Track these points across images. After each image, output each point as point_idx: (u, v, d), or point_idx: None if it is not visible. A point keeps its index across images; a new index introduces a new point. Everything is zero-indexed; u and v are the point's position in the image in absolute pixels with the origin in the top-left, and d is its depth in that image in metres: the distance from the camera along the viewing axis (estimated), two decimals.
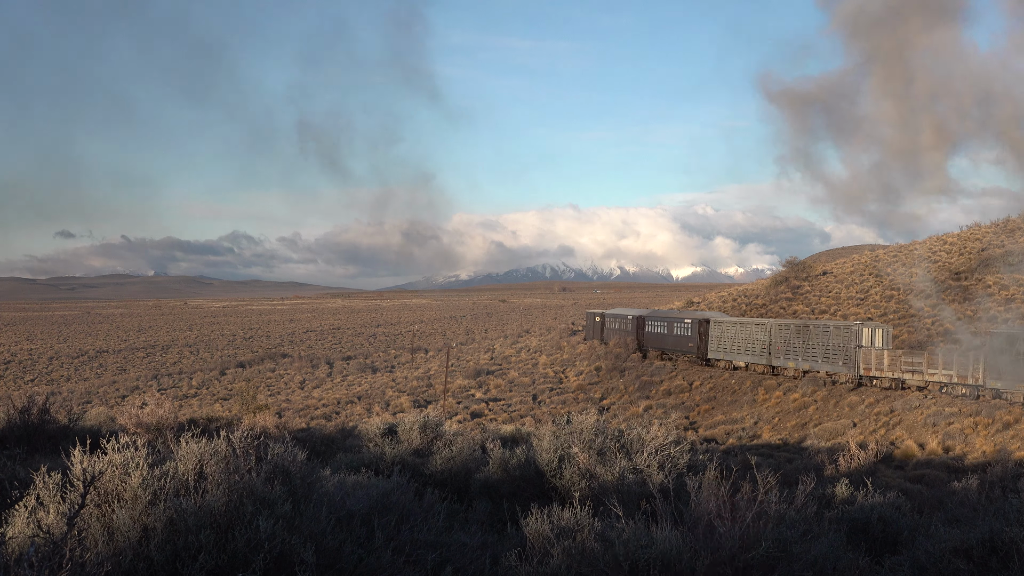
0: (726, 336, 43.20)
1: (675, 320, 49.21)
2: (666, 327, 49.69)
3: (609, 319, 59.89)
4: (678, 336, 47.89)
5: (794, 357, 37.59)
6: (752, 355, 40.90)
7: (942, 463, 22.96)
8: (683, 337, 47.17)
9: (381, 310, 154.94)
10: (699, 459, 10.05)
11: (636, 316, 54.72)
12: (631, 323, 55.06)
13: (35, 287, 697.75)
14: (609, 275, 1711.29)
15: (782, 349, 38.46)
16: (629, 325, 55.35)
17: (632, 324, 54.78)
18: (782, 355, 38.50)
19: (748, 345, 41.21)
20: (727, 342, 43.02)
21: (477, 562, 6.74)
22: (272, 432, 14.26)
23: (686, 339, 46.92)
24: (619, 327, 57.17)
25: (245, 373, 66.57)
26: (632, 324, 54.78)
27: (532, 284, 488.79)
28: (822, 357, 36.15)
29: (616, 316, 59.23)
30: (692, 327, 46.40)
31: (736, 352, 42.24)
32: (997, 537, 6.64)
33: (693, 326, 46.30)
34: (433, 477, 10.48)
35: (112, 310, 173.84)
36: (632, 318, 55.10)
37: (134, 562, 5.72)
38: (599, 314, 62.52)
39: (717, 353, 43.93)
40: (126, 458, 6.45)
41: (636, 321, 54.27)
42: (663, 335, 49.99)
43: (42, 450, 11.48)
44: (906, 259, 59.95)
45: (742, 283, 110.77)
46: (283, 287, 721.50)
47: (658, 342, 50.85)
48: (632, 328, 54.64)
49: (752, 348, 40.87)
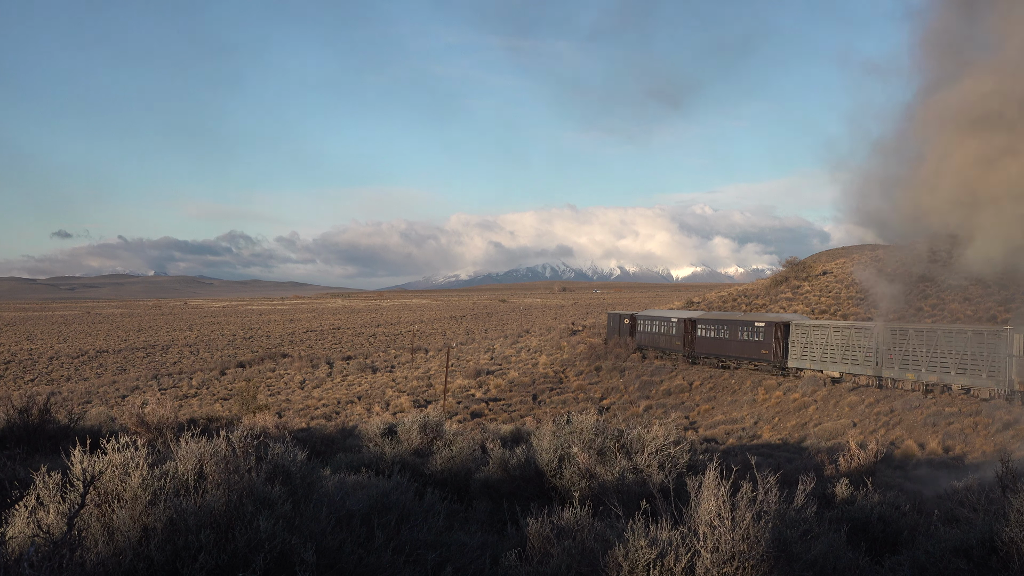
0: (814, 342, 37.94)
1: (741, 324, 43.45)
2: (728, 331, 44.24)
3: (644, 322, 53.73)
4: (745, 342, 42.50)
5: (914, 367, 32.07)
6: (852, 364, 35.30)
7: (942, 463, 23.00)
8: (752, 343, 41.86)
9: (381, 310, 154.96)
10: (699, 459, 10.05)
11: (685, 319, 48.67)
12: (677, 326, 49.01)
13: (35, 287, 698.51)
14: (609, 275, 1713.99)
15: (896, 357, 32.98)
16: (673, 328, 49.33)
17: (678, 328, 48.77)
18: (896, 364, 32.95)
19: (846, 352, 35.78)
20: (815, 348, 37.77)
21: (477, 562, 6.74)
22: (272, 432, 14.26)
23: (756, 345, 41.60)
24: (658, 330, 51.19)
25: (245, 373, 66.54)
26: (678, 328, 48.77)
27: (532, 284, 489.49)
28: (956, 367, 30.69)
29: (654, 318, 52.85)
30: (766, 331, 40.96)
31: (828, 360, 36.76)
32: (997, 537, 6.64)
33: (767, 330, 40.87)
34: (433, 477, 10.48)
35: (112, 310, 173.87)
36: (678, 321, 49.15)
37: (134, 562, 5.72)
38: (629, 316, 56.30)
39: (801, 361, 38.62)
40: (126, 458, 6.45)
41: (684, 324, 48.27)
42: (723, 340, 44.56)
43: (42, 450, 11.49)
44: (906, 259, 59.91)
45: (742, 283, 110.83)
46: (283, 287, 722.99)
47: (716, 348, 45.22)
48: (678, 332, 48.56)
49: (852, 356, 35.37)
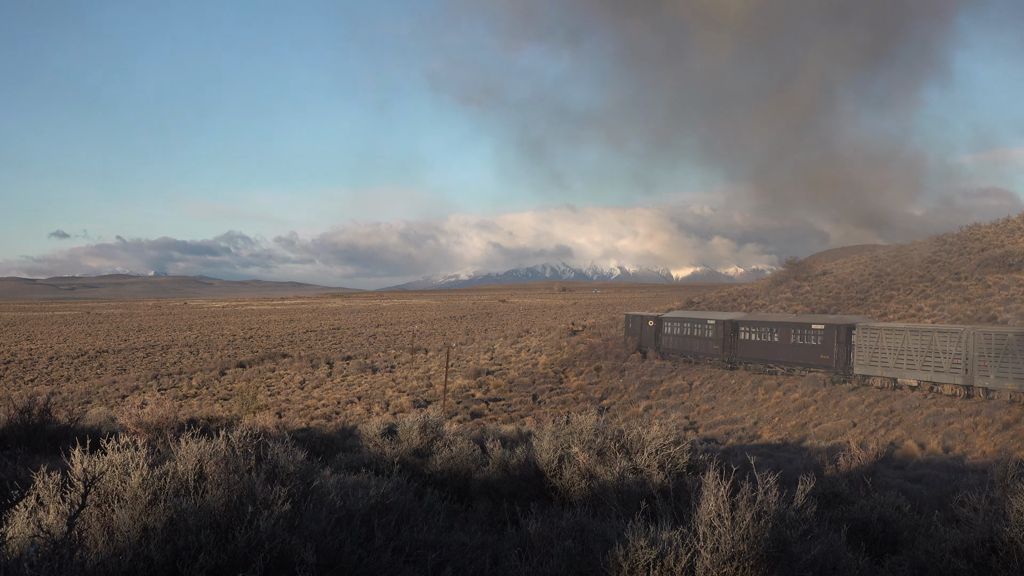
0: (885, 346, 34.40)
1: (794, 326, 39.87)
2: (778, 335, 40.68)
3: (672, 324, 50.40)
4: (799, 346, 39.04)
5: (1016, 376, 28.76)
6: (935, 371, 32.12)
7: (942, 463, 23.00)
8: (809, 347, 38.30)
9: (381, 310, 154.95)
10: (699, 459, 10.04)
11: (725, 321, 45.35)
12: (714, 329, 45.87)
13: (35, 287, 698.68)
14: (609, 275, 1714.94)
15: (992, 365, 29.97)
16: (710, 331, 46.19)
17: (716, 331, 45.65)
18: (992, 372, 29.86)
19: (926, 358, 32.60)
20: (887, 353, 34.29)
21: (477, 562, 6.74)
22: (272, 432, 14.25)
23: (813, 349, 38.14)
24: (690, 333, 47.93)
25: (245, 373, 66.53)
26: (716, 331, 45.65)
27: (532, 284, 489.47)
28: None
29: (684, 321, 49.31)
30: (826, 335, 37.52)
31: (905, 367, 33.44)
32: (997, 537, 6.64)
33: (828, 333, 37.45)
34: (433, 477, 10.47)
35: (112, 310, 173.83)
36: (716, 323, 45.97)
37: (134, 562, 5.72)
38: (653, 318, 52.82)
39: (870, 368, 35.00)
40: (126, 458, 6.45)
41: (724, 327, 44.99)
42: (772, 344, 40.98)
43: (42, 450, 11.48)
44: (906, 259, 59.99)
45: (743, 283, 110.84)
46: (282, 287, 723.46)
47: (763, 353, 41.83)
48: (716, 335, 45.42)
49: (935, 362, 32.23)
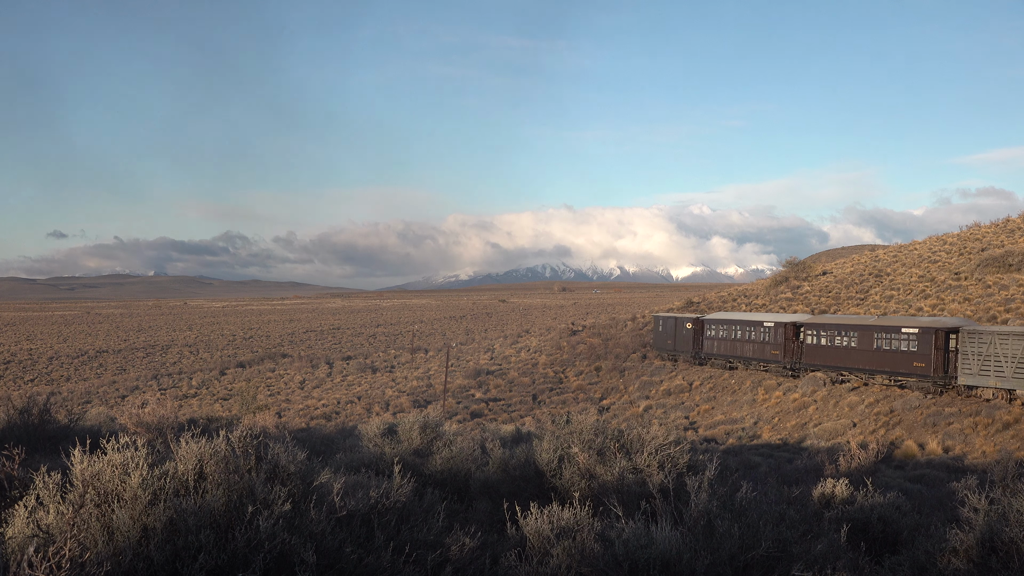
0: (1000, 353, 29.36)
1: (878, 329, 34.97)
2: (857, 339, 35.89)
3: (717, 327, 45.51)
4: (885, 352, 34.50)
5: None
6: None
7: (942, 463, 23.01)
8: (898, 353, 33.75)
9: (381, 310, 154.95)
10: (699, 459, 10.03)
11: (788, 324, 40.24)
12: (772, 332, 41.10)
13: (35, 287, 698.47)
14: (609, 275, 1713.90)
15: None
16: (766, 335, 41.49)
17: (774, 334, 40.91)
18: None
19: None
20: (1005, 362, 29.17)
21: (477, 562, 6.74)
22: (272, 432, 14.25)
23: (905, 356, 33.59)
24: (740, 337, 43.57)
25: (245, 373, 66.52)
26: (774, 334, 40.91)
27: (532, 284, 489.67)
28: None
29: (734, 323, 44.46)
30: (921, 340, 32.72)
31: None
32: (997, 537, 6.64)
33: (923, 338, 32.60)
34: (433, 477, 10.47)
35: (112, 310, 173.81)
36: (775, 326, 41.01)
37: (134, 562, 5.72)
38: (692, 319, 47.83)
39: (980, 377, 29.94)
40: (126, 458, 6.45)
41: (784, 330, 40.22)
42: (848, 349, 36.43)
43: (42, 450, 11.48)
44: (906, 259, 60.00)
45: (742, 283, 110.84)
46: (282, 287, 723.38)
47: (836, 359, 37.13)
48: (775, 339, 40.79)
49: None
